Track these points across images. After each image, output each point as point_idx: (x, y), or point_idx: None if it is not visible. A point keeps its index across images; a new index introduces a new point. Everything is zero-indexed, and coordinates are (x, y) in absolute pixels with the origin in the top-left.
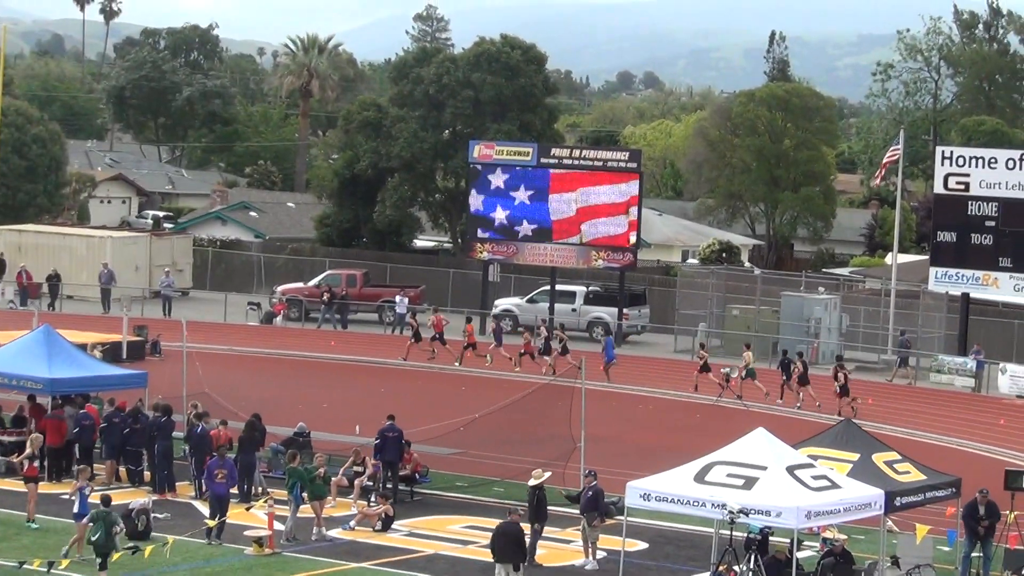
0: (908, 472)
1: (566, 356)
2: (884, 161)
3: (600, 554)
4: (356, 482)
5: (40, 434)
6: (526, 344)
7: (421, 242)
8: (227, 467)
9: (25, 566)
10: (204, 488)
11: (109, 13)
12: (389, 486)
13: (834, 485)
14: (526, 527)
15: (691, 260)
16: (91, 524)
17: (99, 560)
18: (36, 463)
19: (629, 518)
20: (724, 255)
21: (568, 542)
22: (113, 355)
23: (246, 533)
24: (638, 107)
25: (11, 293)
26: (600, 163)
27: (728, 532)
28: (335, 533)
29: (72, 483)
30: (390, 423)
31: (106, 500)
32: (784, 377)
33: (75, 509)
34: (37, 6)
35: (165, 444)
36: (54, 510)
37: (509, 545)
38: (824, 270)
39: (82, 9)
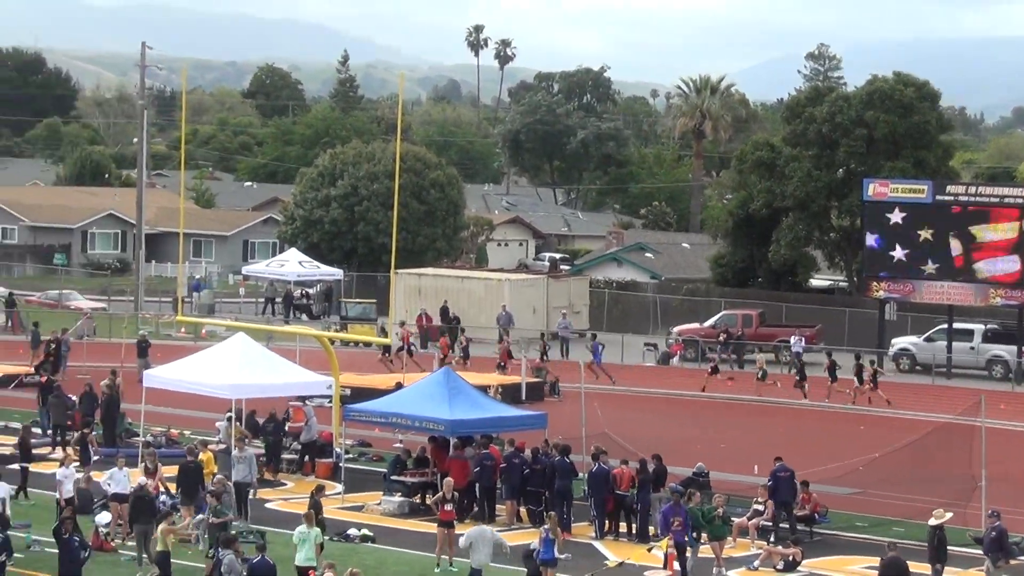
0: None
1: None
2: None
3: None
4: (751, 523)
5: (449, 477)
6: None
7: (817, 281)
8: (682, 514)
9: None
10: (606, 528)
11: (503, 58)
12: (785, 526)
13: None
14: (921, 567)
15: None
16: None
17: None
18: (450, 506)
19: None
20: None
21: None
22: (512, 396)
23: (646, 574)
24: None
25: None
26: (996, 199)
27: None
28: (735, 573)
29: (471, 522)
30: (780, 463)
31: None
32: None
33: (542, 555)
34: (434, 52)
35: (564, 484)
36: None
37: None
38: None
39: (477, 54)
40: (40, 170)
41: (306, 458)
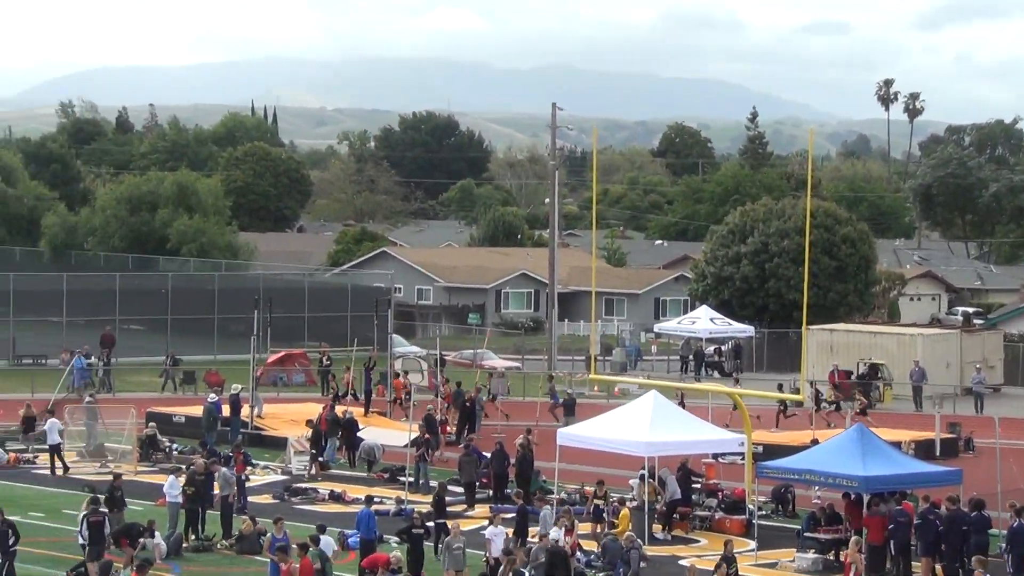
0: None
1: None
2: None
3: None
4: None
5: (855, 536)
6: None
7: None
8: None
9: None
10: None
11: (913, 111)
12: None
13: None
14: None
15: None
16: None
17: None
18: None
19: None
20: None
21: None
22: (926, 452)
23: None
24: None
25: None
26: None
27: None
28: None
29: None
30: None
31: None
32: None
33: None
34: (843, 108)
35: (981, 539)
36: None
37: None
38: None
39: (887, 109)
40: (454, 232)
41: (717, 515)
